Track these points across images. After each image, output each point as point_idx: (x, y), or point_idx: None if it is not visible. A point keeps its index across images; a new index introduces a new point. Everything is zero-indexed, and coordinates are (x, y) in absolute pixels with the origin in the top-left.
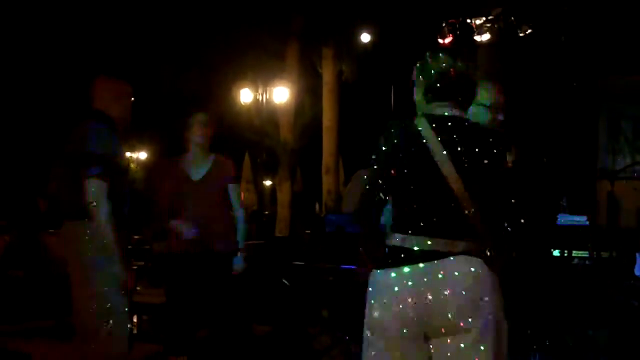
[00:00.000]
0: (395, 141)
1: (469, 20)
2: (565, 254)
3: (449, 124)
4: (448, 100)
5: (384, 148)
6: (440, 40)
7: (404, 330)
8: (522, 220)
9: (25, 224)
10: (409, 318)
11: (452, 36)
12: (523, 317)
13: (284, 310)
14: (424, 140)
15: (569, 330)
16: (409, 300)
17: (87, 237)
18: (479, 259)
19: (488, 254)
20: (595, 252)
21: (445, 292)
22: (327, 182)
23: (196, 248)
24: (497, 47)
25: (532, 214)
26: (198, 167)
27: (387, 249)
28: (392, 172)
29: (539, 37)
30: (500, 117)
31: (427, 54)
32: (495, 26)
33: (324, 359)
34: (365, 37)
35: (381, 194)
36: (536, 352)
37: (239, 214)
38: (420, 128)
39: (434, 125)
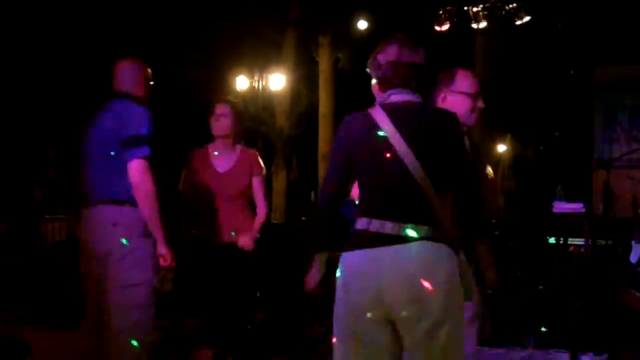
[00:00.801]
0: (352, 132)
1: (466, 8)
2: (561, 242)
3: (404, 109)
4: (402, 87)
5: (340, 140)
6: (437, 28)
7: (365, 313)
8: (479, 206)
9: (22, 211)
10: (369, 300)
11: (449, 24)
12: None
13: (279, 298)
14: (380, 128)
15: (563, 316)
16: (370, 282)
17: (128, 222)
18: (441, 244)
19: (450, 239)
20: (591, 240)
21: (404, 276)
22: (323, 170)
23: (224, 239)
24: (494, 35)
25: (528, 202)
26: (222, 158)
27: (351, 232)
28: (352, 160)
29: (536, 25)
30: (480, 105)
31: (378, 46)
32: (493, 14)
33: (319, 347)
34: (362, 25)
35: (341, 184)
36: (532, 337)
37: (261, 209)
38: (375, 117)
39: (388, 112)
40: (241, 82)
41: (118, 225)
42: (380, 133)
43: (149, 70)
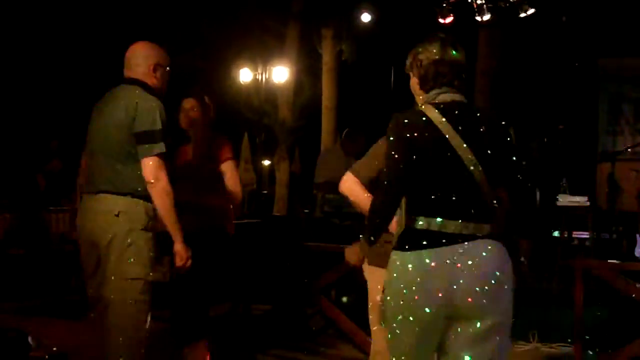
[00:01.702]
0: (408, 133)
1: (469, 1)
2: (566, 235)
3: (455, 109)
4: (447, 87)
5: (396, 139)
6: (441, 20)
7: (431, 311)
8: (527, 200)
9: (26, 202)
10: (436, 299)
11: (453, 16)
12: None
13: (281, 290)
14: (437, 128)
15: (563, 311)
16: (438, 281)
17: (131, 213)
18: (500, 243)
19: (506, 237)
20: (595, 233)
21: (472, 275)
22: (322, 162)
23: (194, 227)
24: (498, 27)
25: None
26: (194, 149)
27: (410, 233)
28: (412, 159)
29: (540, 17)
30: None
31: (419, 45)
32: (497, 6)
33: (320, 339)
34: (366, 18)
35: (401, 183)
36: (535, 332)
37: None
38: (430, 116)
39: (442, 112)
40: (244, 75)
41: (120, 215)
42: (438, 132)
43: (166, 57)
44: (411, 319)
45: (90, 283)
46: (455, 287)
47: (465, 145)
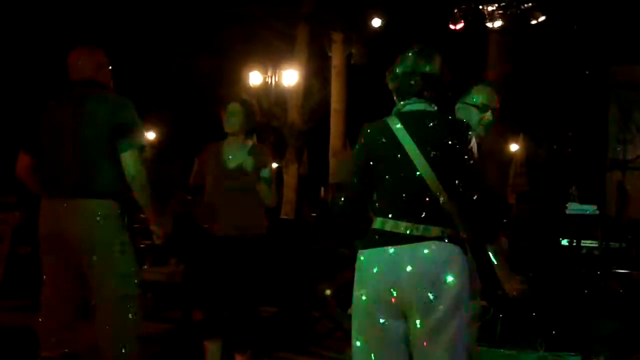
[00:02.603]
0: (368, 140)
1: (481, 7)
2: (574, 243)
3: (418, 117)
4: (416, 97)
5: (359, 146)
6: (452, 26)
7: (381, 307)
8: (485, 205)
9: (35, 200)
10: (384, 295)
11: (464, 22)
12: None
13: (288, 293)
14: (394, 135)
15: (574, 320)
16: (385, 278)
17: (116, 216)
18: (451, 244)
19: (461, 239)
20: (604, 242)
21: (415, 273)
22: (334, 165)
23: (233, 233)
24: (509, 34)
25: (542, 201)
26: (234, 154)
27: (370, 232)
28: (371, 166)
29: (551, 24)
30: (486, 117)
31: (397, 58)
32: (508, 13)
33: (326, 342)
34: (376, 22)
35: (359, 185)
36: (542, 341)
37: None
38: (391, 125)
39: (403, 120)
40: (254, 78)
41: (105, 219)
42: (395, 141)
43: (105, 56)
44: (362, 312)
45: (63, 285)
46: (398, 284)
47: (417, 152)
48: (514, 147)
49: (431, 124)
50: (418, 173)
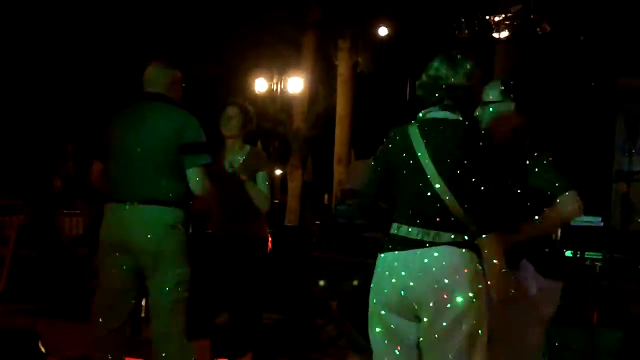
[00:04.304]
0: (390, 145)
1: (487, 17)
2: (578, 255)
3: (434, 125)
4: (437, 105)
5: (381, 151)
6: (458, 36)
7: (394, 309)
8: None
9: (41, 203)
10: (397, 297)
11: (470, 32)
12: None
13: (292, 301)
14: (411, 142)
15: (578, 332)
16: (397, 281)
17: (180, 223)
18: (463, 249)
19: (473, 245)
20: (608, 254)
21: (425, 276)
22: (339, 172)
23: (229, 233)
24: (515, 45)
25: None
26: (232, 158)
27: (388, 237)
28: (386, 170)
29: (558, 35)
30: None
31: (432, 60)
32: (514, 23)
33: (330, 350)
34: (383, 31)
35: (374, 190)
36: (546, 352)
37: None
38: (409, 131)
39: (421, 127)
40: (260, 84)
41: (171, 225)
42: (410, 148)
43: (179, 72)
44: (375, 315)
45: (120, 287)
46: (409, 287)
47: (429, 160)
48: None
49: (448, 133)
50: (430, 183)
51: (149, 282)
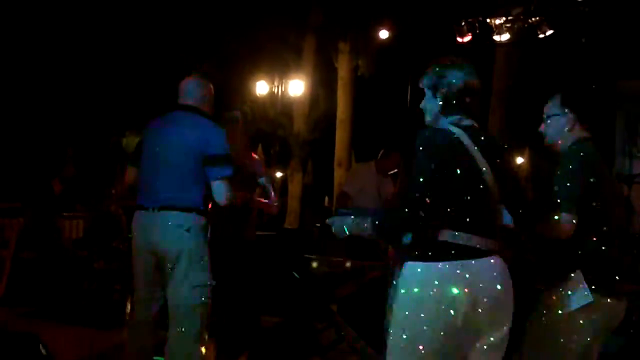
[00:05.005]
0: (438, 148)
1: (488, 20)
2: None
3: (479, 135)
4: (466, 113)
5: (428, 155)
6: (459, 39)
7: (458, 320)
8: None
9: (41, 206)
10: (464, 308)
11: (471, 35)
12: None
13: (292, 304)
14: (467, 149)
15: None
16: (464, 293)
17: (199, 228)
18: (502, 259)
19: (505, 253)
20: None
21: (492, 289)
22: (339, 175)
23: (230, 235)
24: (516, 47)
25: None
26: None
27: (437, 245)
28: (440, 173)
29: (559, 38)
30: None
31: (444, 64)
32: (515, 26)
33: (330, 354)
34: (383, 34)
35: (427, 194)
36: None
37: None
38: (460, 139)
39: (469, 136)
40: (261, 87)
41: (191, 230)
42: (467, 153)
43: (212, 87)
44: (434, 328)
45: (143, 290)
46: (473, 299)
47: (487, 167)
48: (519, 161)
49: (491, 142)
50: (488, 187)
51: (167, 284)
